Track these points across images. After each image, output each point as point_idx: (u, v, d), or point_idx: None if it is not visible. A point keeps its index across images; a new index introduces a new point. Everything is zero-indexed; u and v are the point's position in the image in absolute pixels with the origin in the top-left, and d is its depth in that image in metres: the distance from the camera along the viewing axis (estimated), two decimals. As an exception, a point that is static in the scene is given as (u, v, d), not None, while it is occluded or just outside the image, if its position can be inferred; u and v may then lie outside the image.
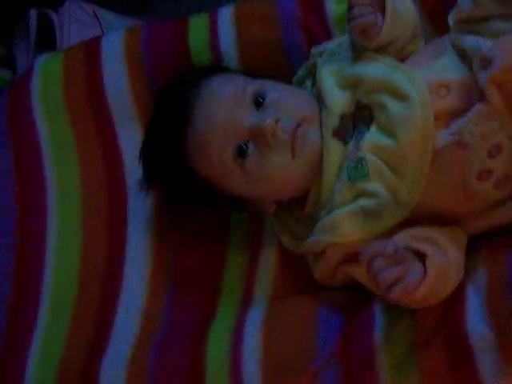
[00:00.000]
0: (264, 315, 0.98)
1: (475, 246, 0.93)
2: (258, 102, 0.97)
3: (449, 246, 0.90)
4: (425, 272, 0.86)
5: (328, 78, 0.99)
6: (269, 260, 1.06)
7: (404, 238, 0.90)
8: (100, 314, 1.04)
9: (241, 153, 0.96)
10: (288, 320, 0.96)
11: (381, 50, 0.99)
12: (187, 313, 1.03)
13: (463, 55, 0.94)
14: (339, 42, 1.05)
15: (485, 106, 0.88)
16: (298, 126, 0.96)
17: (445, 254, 0.88)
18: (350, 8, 0.97)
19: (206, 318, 1.00)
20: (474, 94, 0.90)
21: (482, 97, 0.89)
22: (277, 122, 0.95)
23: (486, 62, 0.88)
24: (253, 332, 0.95)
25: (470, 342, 0.83)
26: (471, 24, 0.95)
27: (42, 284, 1.06)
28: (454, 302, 0.88)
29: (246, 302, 1.02)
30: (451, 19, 0.98)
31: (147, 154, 1.06)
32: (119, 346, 0.99)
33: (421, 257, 0.87)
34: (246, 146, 0.96)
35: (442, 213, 0.93)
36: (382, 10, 0.96)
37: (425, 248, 0.88)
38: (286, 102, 0.97)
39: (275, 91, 0.99)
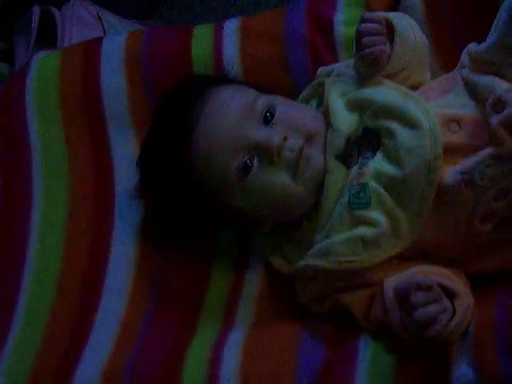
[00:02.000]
0: (244, 338, 0.96)
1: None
2: (267, 118, 0.96)
3: (467, 289, 0.89)
4: (453, 311, 0.85)
5: (336, 99, 0.97)
6: (254, 282, 1.04)
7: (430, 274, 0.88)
8: (76, 324, 1.01)
9: (245, 169, 0.95)
10: (269, 345, 0.94)
11: (388, 77, 0.97)
12: (166, 330, 1.00)
13: (475, 92, 0.93)
14: (347, 63, 1.04)
15: (498, 148, 0.87)
16: (305, 143, 0.94)
17: (468, 297, 0.88)
18: (361, 36, 0.95)
19: (184, 337, 0.98)
20: (484, 134, 0.88)
21: (494, 139, 0.87)
22: (285, 139, 0.94)
23: (500, 105, 0.87)
24: (232, 355, 0.93)
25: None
26: (486, 65, 0.93)
27: (18, 290, 1.03)
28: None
29: (226, 324, 1.00)
30: (465, 56, 0.96)
31: (146, 160, 1.04)
32: (93, 359, 0.97)
33: (448, 295, 0.86)
34: (251, 162, 0.95)
35: (440, 250, 0.92)
36: (390, 39, 0.95)
37: (456, 287, 0.87)
38: (295, 119, 0.96)
39: (285, 107, 0.97)
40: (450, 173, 0.88)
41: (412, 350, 0.87)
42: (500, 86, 0.89)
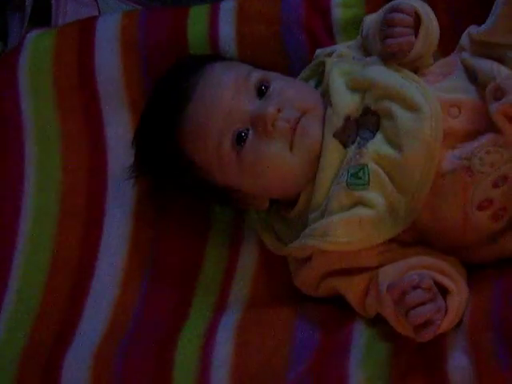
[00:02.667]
0: (237, 323, 0.95)
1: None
2: (261, 91, 0.95)
3: (462, 282, 0.88)
4: (446, 308, 0.84)
5: (338, 78, 0.96)
6: (247, 264, 1.03)
7: (424, 268, 0.87)
8: (68, 305, 1.01)
9: (239, 140, 0.94)
10: (262, 330, 0.93)
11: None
12: (159, 313, 1.00)
13: (475, 77, 0.92)
14: (348, 45, 1.03)
15: (497, 134, 0.86)
16: (301, 117, 0.93)
17: (461, 292, 0.87)
18: (391, 25, 0.93)
19: (177, 321, 0.98)
20: (484, 119, 0.88)
21: (493, 125, 0.87)
22: (279, 110, 0.93)
23: (499, 93, 0.86)
24: (225, 339, 0.92)
25: (448, 374, 0.82)
26: (487, 47, 0.93)
27: (10, 268, 1.03)
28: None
29: (220, 307, 0.99)
30: (465, 39, 0.96)
31: (141, 136, 1.04)
32: (85, 341, 0.96)
33: (442, 290, 0.85)
34: (246, 134, 0.94)
35: (439, 237, 0.91)
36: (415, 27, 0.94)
37: (450, 284, 0.86)
38: (290, 91, 0.95)
39: (279, 80, 0.97)
40: (449, 158, 0.88)
41: (406, 337, 0.86)
42: (499, 72, 0.88)
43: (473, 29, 0.95)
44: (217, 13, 1.14)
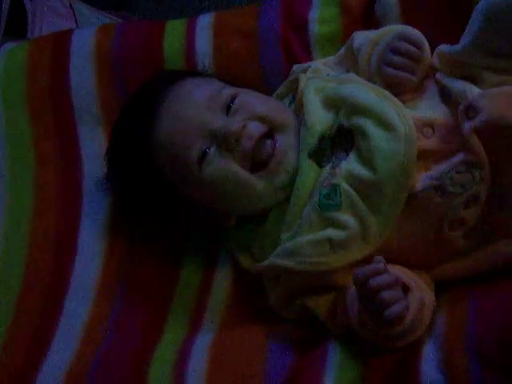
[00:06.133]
0: (212, 341, 0.95)
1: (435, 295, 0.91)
2: (230, 107, 0.95)
3: (424, 287, 0.89)
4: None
5: (312, 95, 0.96)
6: (222, 283, 1.02)
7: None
8: (41, 320, 1.00)
9: (203, 156, 0.93)
10: (237, 349, 0.93)
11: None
12: (133, 330, 0.99)
13: (448, 96, 0.91)
14: (324, 61, 1.03)
15: (469, 154, 0.86)
16: (268, 131, 0.93)
17: (422, 290, 0.88)
18: (396, 53, 0.93)
19: (151, 338, 0.97)
20: (457, 139, 0.88)
21: (466, 144, 0.86)
22: (244, 127, 0.92)
23: (471, 111, 0.86)
24: (199, 357, 0.92)
25: None
26: (461, 67, 0.92)
27: None
28: (410, 349, 0.86)
29: (194, 325, 0.99)
30: (436, 58, 0.95)
31: (111, 152, 1.03)
32: (58, 356, 0.95)
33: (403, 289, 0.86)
34: (209, 150, 0.93)
35: (409, 256, 0.91)
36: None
37: (410, 282, 0.86)
38: (257, 107, 0.95)
39: (248, 96, 0.96)
40: (421, 178, 0.87)
41: (380, 354, 0.86)
42: (471, 91, 0.88)
43: (444, 47, 0.94)
44: (193, 27, 1.13)
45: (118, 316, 1.00)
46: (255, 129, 0.93)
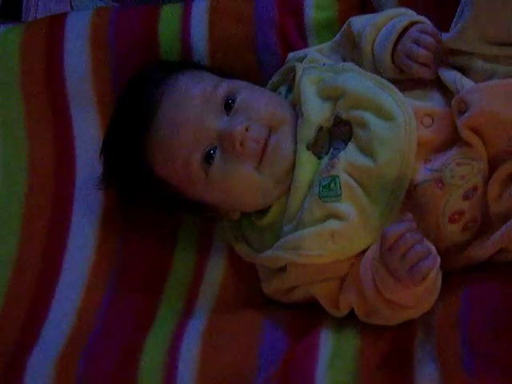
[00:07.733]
0: (204, 327, 0.94)
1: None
2: (229, 105, 0.94)
3: None
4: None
5: (308, 86, 0.95)
6: (215, 270, 1.02)
7: None
8: (32, 308, 1.00)
9: (208, 158, 0.93)
10: (229, 335, 0.93)
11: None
12: (125, 317, 0.99)
13: (443, 86, 0.91)
14: (319, 48, 1.02)
15: (467, 147, 0.86)
16: (269, 135, 0.92)
17: None
18: (417, 43, 0.92)
19: (143, 324, 0.97)
20: (455, 130, 0.87)
21: (461, 137, 0.86)
22: (247, 129, 0.91)
23: (463, 106, 0.86)
24: (191, 344, 0.92)
25: (415, 380, 0.82)
26: (452, 55, 0.91)
27: None
28: (403, 338, 0.86)
29: (187, 312, 0.98)
30: None
31: (107, 152, 1.02)
32: (48, 344, 0.95)
33: None
34: (214, 152, 0.93)
35: None
36: None
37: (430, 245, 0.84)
38: (258, 106, 0.94)
39: (247, 94, 0.95)
40: (421, 170, 0.87)
41: (374, 341, 0.87)
42: (462, 84, 0.88)
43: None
44: (189, 12, 1.12)
45: (111, 302, 1.00)
46: (259, 131, 0.92)
